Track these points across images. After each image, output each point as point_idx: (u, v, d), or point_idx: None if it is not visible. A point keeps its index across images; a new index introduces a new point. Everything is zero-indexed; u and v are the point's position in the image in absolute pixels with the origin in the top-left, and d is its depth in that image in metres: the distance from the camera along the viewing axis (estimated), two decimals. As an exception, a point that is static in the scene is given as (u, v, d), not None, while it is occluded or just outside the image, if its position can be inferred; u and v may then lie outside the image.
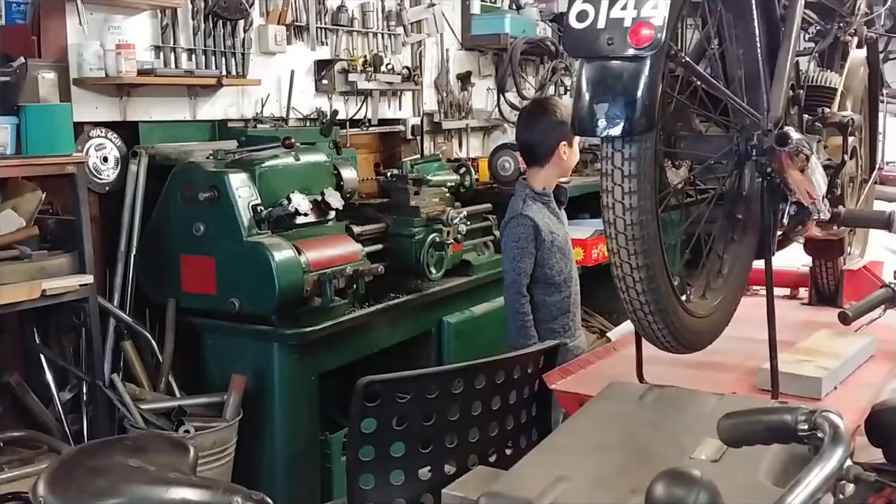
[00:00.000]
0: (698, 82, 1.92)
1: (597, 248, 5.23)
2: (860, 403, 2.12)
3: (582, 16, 1.54)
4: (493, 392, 2.06)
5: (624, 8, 1.51)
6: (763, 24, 1.96)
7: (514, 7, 5.96)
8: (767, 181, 1.91)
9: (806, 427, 1.12)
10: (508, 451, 2.17)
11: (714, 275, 2.08)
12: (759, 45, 1.90)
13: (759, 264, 2.32)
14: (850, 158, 2.67)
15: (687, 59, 1.63)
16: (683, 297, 1.89)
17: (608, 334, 3.92)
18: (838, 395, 2.18)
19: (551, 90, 6.20)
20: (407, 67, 4.92)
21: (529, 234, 3.10)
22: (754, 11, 1.91)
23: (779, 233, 2.22)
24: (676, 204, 2.03)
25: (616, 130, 1.53)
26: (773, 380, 2.02)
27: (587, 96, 1.56)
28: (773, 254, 2.08)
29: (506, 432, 2.15)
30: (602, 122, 1.54)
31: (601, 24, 1.52)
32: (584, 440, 1.58)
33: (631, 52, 1.51)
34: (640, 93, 1.51)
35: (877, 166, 3.32)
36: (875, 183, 3.38)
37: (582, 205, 5.70)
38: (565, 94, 6.36)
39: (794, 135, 1.77)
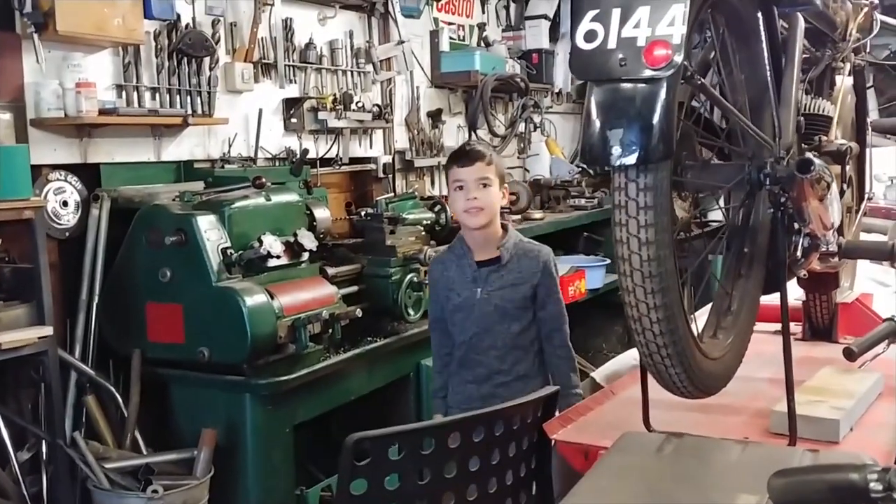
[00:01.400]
0: (702, 108, 1.81)
1: (573, 285, 5.14)
2: (882, 446, 2.01)
3: (590, 35, 1.42)
4: (491, 445, 1.91)
5: (637, 26, 1.39)
6: (768, 48, 1.86)
7: (484, 44, 5.89)
8: (781, 211, 1.80)
9: (880, 487, 0.98)
10: (509, 508, 2.02)
11: (723, 313, 1.96)
12: (767, 68, 1.80)
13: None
14: (848, 188, 2.59)
15: (703, 81, 1.51)
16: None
17: (592, 375, 3.78)
18: (856, 437, 2.06)
19: (521, 127, 6.15)
20: (377, 105, 4.81)
21: (431, 280, 2.91)
22: (761, 33, 1.81)
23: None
24: (683, 238, 1.90)
25: (631, 159, 1.41)
26: (790, 423, 1.89)
27: (598, 122, 1.44)
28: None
29: (505, 488, 2.00)
30: (616, 150, 1.41)
31: (612, 44, 1.40)
32: (607, 500, 1.43)
33: (646, 73, 1.39)
34: (657, 117, 1.39)
35: (866, 196, 3.25)
36: (864, 214, 3.31)
37: (556, 242, 5.63)
38: (535, 130, 6.32)
39: (817, 161, 1.67)
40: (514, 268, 2.77)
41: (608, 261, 5.51)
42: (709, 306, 2.21)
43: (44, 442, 3.07)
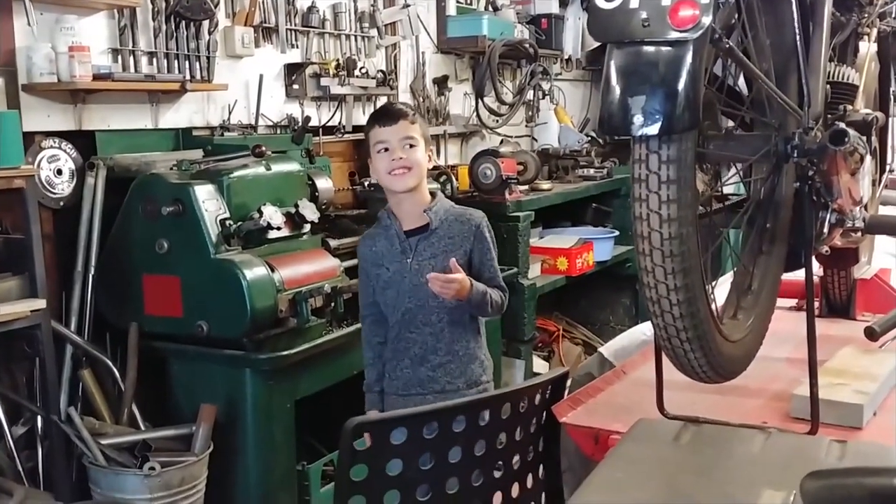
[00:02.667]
0: (726, 75, 1.70)
1: (581, 257, 5.05)
2: (908, 433, 1.92)
3: (611, -6, 1.30)
4: (498, 428, 1.82)
5: (662, -16, 1.27)
6: (798, 10, 1.73)
7: (491, 8, 5.74)
8: (808, 185, 1.69)
9: (930, 496, 0.89)
10: (515, 493, 1.94)
11: (743, 292, 1.86)
12: (797, 32, 1.68)
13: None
14: (872, 160, 2.48)
15: (731, 45, 1.40)
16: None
17: (601, 350, 3.70)
18: (880, 423, 1.97)
19: (530, 95, 6.01)
20: (381, 71, 4.68)
21: (360, 261, 2.66)
22: (792, -6, 1.69)
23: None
24: (703, 213, 1.80)
25: (654, 128, 1.30)
26: (812, 409, 1.80)
27: (618, 88, 1.33)
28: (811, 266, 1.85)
29: (512, 472, 1.92)
30: (638, 119, 1.30)
31: (634, 3, 1.29)
32: (623, 495, 1.34)
33: (672, 35, 1.27)
34: (682, 83, 1.28)
35: (887, 168, 3.14)
36: (885, 187, 3.21)
37: (564, 213, 5.53)
38: (544, 98, 6.18)
39: (851, 132, 1.55)
40: (445, 233, 2.57)
41: (616, 232, 5.42)
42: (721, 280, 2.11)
43: (39, 417, 3.00)
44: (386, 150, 2.53)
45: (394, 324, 2.59)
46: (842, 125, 1.58)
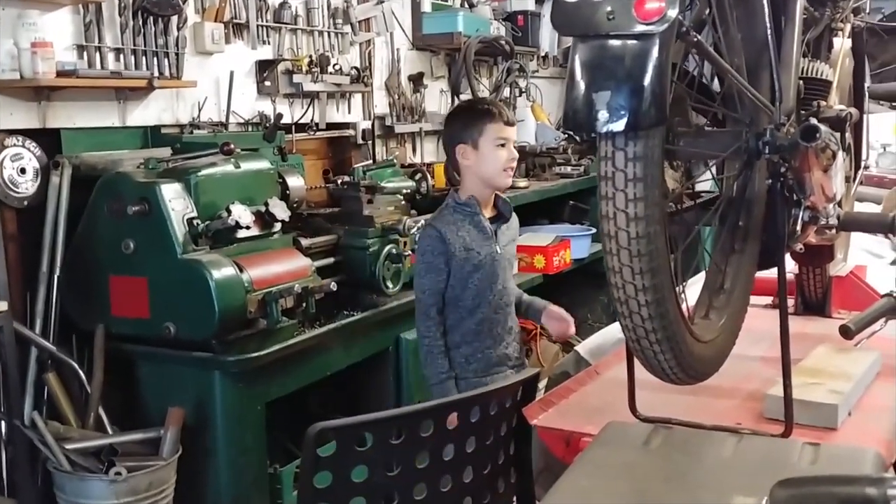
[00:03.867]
0: (695, 70, 1.67)
1: (558, 254, 5.03)
2: (881, 432, 1.89)
3: (574, -15, 1.26)
4: (467, 433, 1.78)
5: (627, -26, 1.23)
6: (769, 4, 1.70)
7: (467, 5, 5.70)
8: (780, 182, 1.66)
9: (904, 506, 0.85)
10: (486, 498, 1.90)
11: (715, 291, 1.82)
12: (768, 27, 1.64)
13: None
14: (846, 156, 2.46)
15: (699, 38, 1.36)
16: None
17: (577, 348, 3.66)
18: (855, 423, 1.94)
19: (506, 92, 5.98)
20: (356, 68, 4.63)
21: (436, 248, 2.70)
22: (763, -13, 1.65)
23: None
24: (673, 211, 1.76)
25: (619, 125, 1.26)
26: (786, 410, 1.77)
27: (582, 84, 1.29)
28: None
29: (482, 477, 1.87)
30: (602, 115, 1.26)
31: (599, -5, 1.25)
32: (591, 502, 1.30)
33: (637, 28, 1.23)
34: (648, 78, 1.24)
35: (862, 165, 3.12)
36: (860, 183, 3.19)
37: (541, 211, 5.50)
38: (520, 95, 6.15)
39: (823, 128, 1.52)
40: (512, 224, 2.89)
41: (594, 230, 5.40)
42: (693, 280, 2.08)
43: (2, 422, 2.93)
44: (503, 146, 2.73)
45: (475, 308, 2.72)
46: (814, 121, 1.55)
